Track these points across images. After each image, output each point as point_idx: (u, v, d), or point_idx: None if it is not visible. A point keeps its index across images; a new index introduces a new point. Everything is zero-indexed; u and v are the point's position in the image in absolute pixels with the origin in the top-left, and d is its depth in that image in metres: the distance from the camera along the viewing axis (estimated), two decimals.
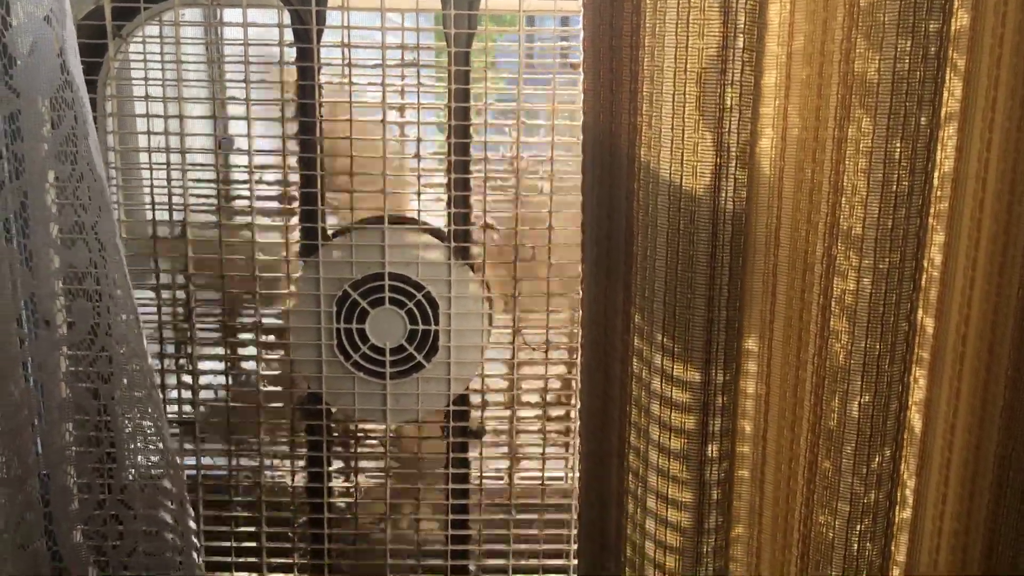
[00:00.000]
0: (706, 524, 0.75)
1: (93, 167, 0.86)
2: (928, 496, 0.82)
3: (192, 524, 0.98)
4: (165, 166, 1.05)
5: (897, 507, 0.81)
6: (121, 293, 0.89)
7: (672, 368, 0.71)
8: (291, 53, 1.03)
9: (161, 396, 0.93)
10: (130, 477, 0.96)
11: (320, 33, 1.03)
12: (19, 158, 0.87)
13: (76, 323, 0.90)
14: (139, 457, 0.95)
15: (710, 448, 0.73)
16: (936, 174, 0.75)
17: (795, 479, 0.78)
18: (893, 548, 0.83)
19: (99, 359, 0.92)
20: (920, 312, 0.78)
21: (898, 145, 0.67)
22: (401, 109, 1.05)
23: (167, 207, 1.06)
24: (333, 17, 1.04)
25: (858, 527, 0.75)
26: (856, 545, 0.76)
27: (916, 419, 0.81)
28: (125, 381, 0.91)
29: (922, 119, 0.67)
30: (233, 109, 1.06)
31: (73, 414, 0.97)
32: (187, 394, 1.10)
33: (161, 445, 0.95)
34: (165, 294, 1.08)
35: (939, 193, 0.76)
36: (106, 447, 0.97)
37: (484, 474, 1.15)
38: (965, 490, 0.80)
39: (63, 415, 0.95)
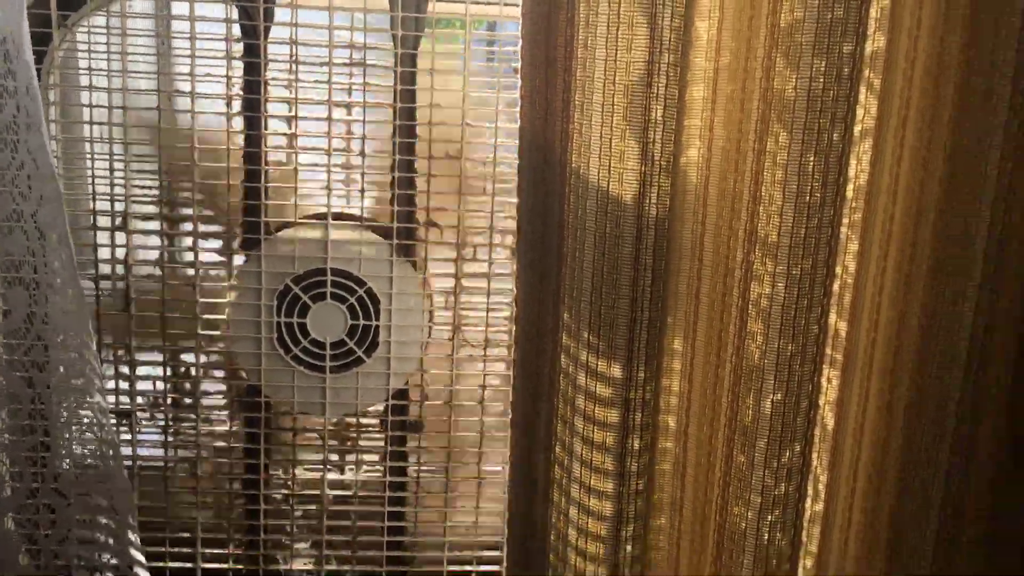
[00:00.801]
0: (626, 513, 0.78)
1: (37, 157, 0.86)
2: (839, 490, 0.87)
3: (130, 510, 0.98)
4: (108, 157, 1.05)
5: (808, 500, 0.85)
6: (61, 282, 0.89)
7: (597, 364, 0.75)
8: (238, 48, 1.04)
9: (102, 385, 0.93)
10: (65, 465, 0.96)
11: (268, 30, 1.04)
12: None
13: (11, 311, 0.90)
14: (75, 445, 0.95)
15: (631, 441, 0.77)
16: (851, 187, 0.80)
17: (713, 472, 0.83)
18: (805, 538, 0.87)
19: (34, 347, 0.92)
20: (834, 316, 0.83)
21: (811, 159, 0.72)
22: (347, 107, 1.07)
23: (108, 198, 1.06)
24: (281, 14, 1.05)
25: (769, 518, 0.80)
26: (767, 535, 0.80)
27: (829, 417, 0.86)
28: (62, 369, 0.91)
29: (835, 135, 0.72)
30: (179, 102, 1.06)
31: (7, 402, 0.97)
32: (124, 385, 1.10)
33: (99, 433, 0.95)
34: (104, 284, 1.08)
35: (854, 205, 0.81)
36: (40, 435, 0.96)
37: (422, 468, 1.17)
38: (872, 485, 0.85)
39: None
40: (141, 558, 1.03)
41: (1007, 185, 0.73)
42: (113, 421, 1.04)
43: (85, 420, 0.94)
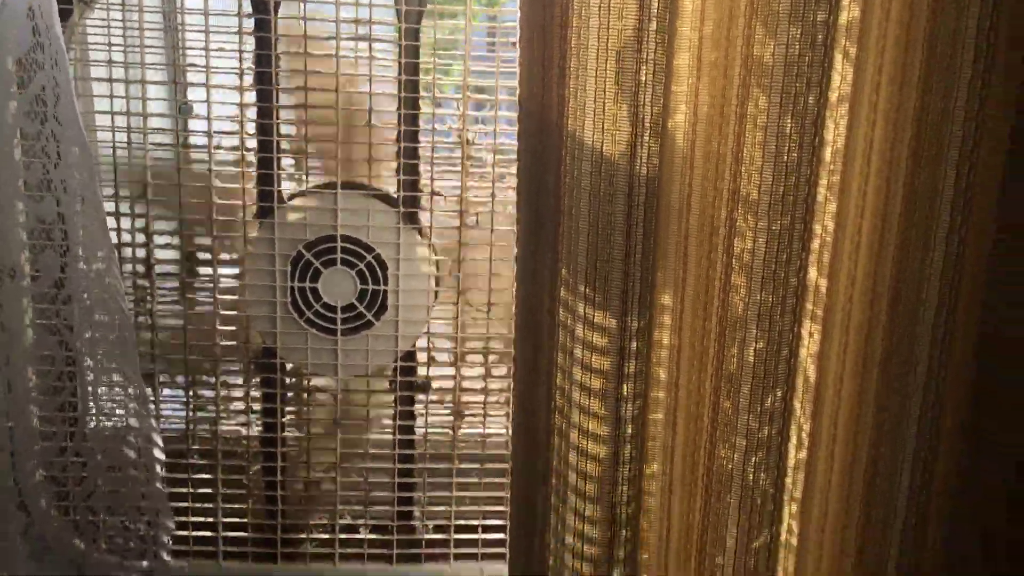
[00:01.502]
0: (621, 455, 0.84)
1: (66, 126, 0.91)
2: (822, 438, 0.93)
3: (157, 463, 1.04)
4: (126, 129, 1.11)
5: (792, 447, 0.91)
6: (93, 244, 0.95)
7: (593, 316, 0.80)
8: (249, 24, 1.09)
9: (133, 344, 0.98)
10: (95, 421, 1.02)
11: (277, 5, 1.09)
12: None
13: (43, 273, 0.96)
14: (104, 402, 1.02)
15: (625, 387, 0.82)
16: (829, 150, 0.85)
17: (701, 419, 0.88)
18: (790, 483, 0.93)
19: (66, 307, 0.98)
20: (815, 273, 0.88)
21: (789, 121, 0.77)
22: (353, 80, 1.12)
23: (127, 165, 1.12)
24: None
25: (753, 459, 0.85)
26: (752, 475, 0.86)
27: (811, 369, 0.91)
28: (93, 328, 0.97)
29: (810, 99, 0.77)
30: (193, 77, 1.12)
31: (38, 361, 1.03)
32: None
33: (128, 390, 1.01)
34: (126, 251, 1.14)
35: (832, 167, 0.86)
36: (69, 395, 1.03)
37: (429, 427, 1.23)
38: (850, 432, 0.90)
39: (29, 360, 1.01)
40: (167, 508, 1.09)
41: (972, 144, 0.78)
42: (140, 379, 1.10)
43: (115, 378, 1.00)
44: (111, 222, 1.11)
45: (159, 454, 1.05)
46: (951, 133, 0.78)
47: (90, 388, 1.01)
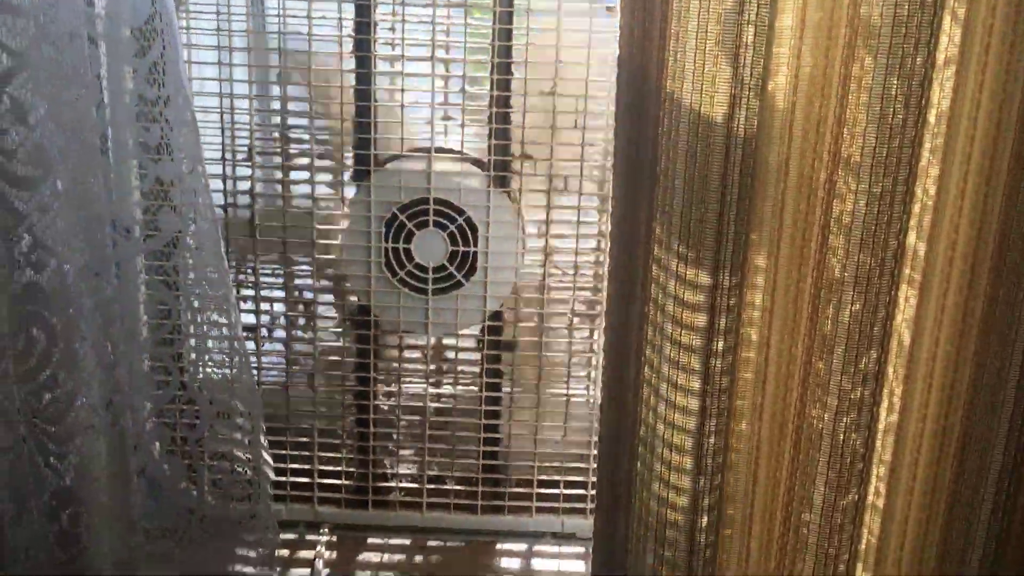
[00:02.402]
0: (710, 409, 0.86)
1: (179, 90, 0.97)
2: (913, 401, 0.92)
3: (260, 414, 1.11)
4: (229, 95, 1.16)
5: (881, 407, 0.91)
6: (203, 206, 1.00)
7: (686, 273, 0.82)
8: None
9: (236, 300, 1.04)
10: (205, 371, 1.09)
11: None
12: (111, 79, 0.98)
13: (161, 230, 1.02)
14: (215, 354, 1.08)
15: (716, 343, 0.84)
16: (934, 112, 0.84)
17: (792, 379, 0.89)
18: (880, 445, 0.93)
19: (180, 263, 1.04)
20: (913, 237, 0.87)
21: (895, 82, 0.76)
22: (447, 47, 1.15)
23: (229, 132, 1.17)
24: None
25: (845, 420, 0.86)
26: (842, 436, 0.87)
27: (905, 333, 0.91)
28: (204, 283, 1.03)
29: (918, 60, 0.76)
30: (293, 43, 1.16)
31: (154, 313, 1.10)
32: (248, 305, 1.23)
33: (235, 345, 1.07)
34: (231, 212, 1.20)
35: (936, 130, 0.85)
36: (185, 343, 1.09)
37: (515, 385, 1.27)
38: (944, 394, 0.90)
39: (145, 311, 1.08)
40: (268, 457, 1.16)
41: None
42: (245, 334, 1.16)
43: (225, 331, 1.07)
44: (217, 184, 1.17)
45: (260, 408, 1.11)
46: None
47: (202, 340, 1.07)
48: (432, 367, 1.28)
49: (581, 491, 1.28)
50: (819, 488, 0.89)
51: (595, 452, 1.21)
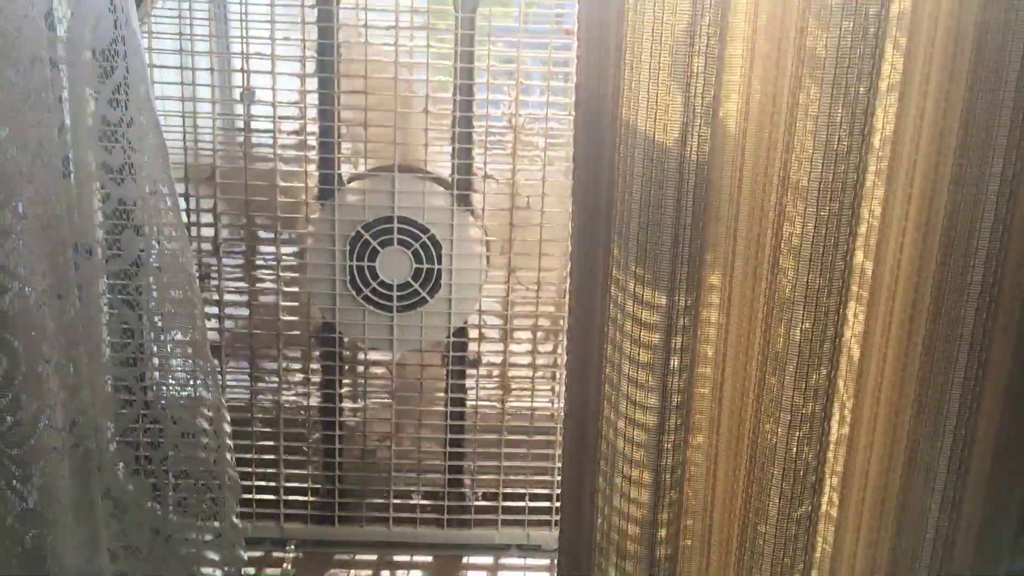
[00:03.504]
0: (667, 424, 0.89)
1: (144, 113, 0.97)
2: (863, 414, 0.96)
3: (226, 432, 1.11)
4: (192, 115, 1.16)
5: (835, 423, 0.95)
6: (167, 223, 1.01)
7: (643, 293, 0.84)
8: (312, 15, 1.14)
9: (203, 319, 1.05)
10: (169, 390, 1.09)
11: None
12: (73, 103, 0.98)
13: (124, 252, 1.02)
14: (179, 372, 1.08)
15: (672, 361, 0.87)
16: (878, 137, 0.87)
17: (747, 395, 0.92)
18: (831, 457, 0.97)
19: (143, 284, 1.04)
20: (861, 256, 0.91)
21: (840, 111, 0.79)
22: (411, 68, 1.17)
23: (192, 152, 1.18)
24: None
25: (797, 434, 0.89)
26: (795, 449, 0.90)
27: (855, 348, 0.94)
28: (168, 303, 1.04)
29: (860, 89, 0.79)
30: (256, 64, 1.16)
31: (117, 333, 1.10)
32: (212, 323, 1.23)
33: (200, 363, 1.07)
34: (194, 231, 1.20)
35: (880, 153, 0.88)
36: (148, 362, 1.09)
37: (479, 400, 1.29)
38: (892, 408, 0.93)
39: (108, 332, 1.08)
40: (234, 474, 1.16)
41: (1019, 133, 0.81)
42: (210, 352, 1.16)
43: (187, 350, 1.07)
44: (180, 203, 1.17)
45: (227, 427, 1.11)
46: (999, 121, 0.80)
47: (165, 360, 1.07)
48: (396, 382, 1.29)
49: (546, 503, 1.30)
50: (774, 500, 0.92)
51: (559, 465, 1.23)
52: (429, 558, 1.30)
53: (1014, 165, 0.82)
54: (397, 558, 1.30)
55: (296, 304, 1.24)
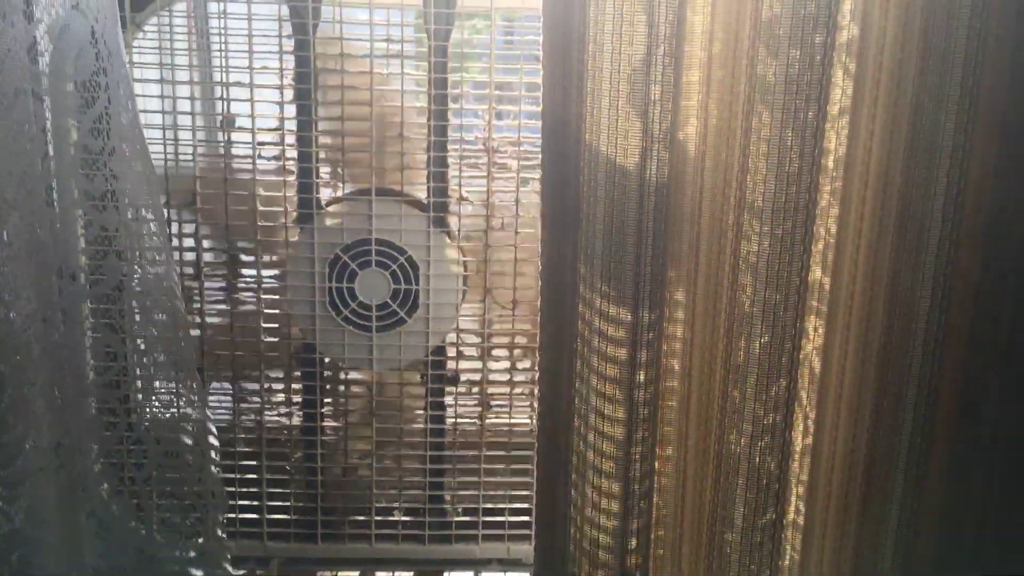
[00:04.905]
0: (635, 437, 0.92)
1: (126, 141, 1.00)
2: (825, 424, 0.99)
3: (210, 448, 1.13)
4: (174, 141, 1.19)
5: (797, 430, 0.98)
6: (151, 252, 1.04)
7: (609, 310, 0.88)
8: (289, 44, 1.17)
9: (189, 341, 1.07)
10: (154, 411, 1.11)
11: (315, 27, 1.18)
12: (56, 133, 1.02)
13: (106, 277, 1.05)
14: (162, 393, 1.11)
15: (639, 375, 0.90)
16: (832, 158, 0.91)
17: (712, 407, 0.96)
18: (797, 467, 1.00)
19: (125, 307, 1.07)
20: (819, 272, 0.95)
21: (789, 134, 0.84)
22: (386, 94, 1.20)
23: (176, 176, 1.21)
24: (327, 12, 1.18)
25: (759, 444, 0.93)
26: (758, 459, 0.93)
27: (816, 361, 0.98)
28: (151, 326, 1.06)
29: (809, 114, 0.84)
30: (236, 92, 1.20)
31: (101, 356, 1.13)
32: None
33: (185, 383, 1.10)
34: (176, 255, 1.23)
35: (834, 174, 0.92)
36: (131, 384, 1.12)
37: (459, 417, 1.31)
38: (852, 418, 0.97)
39: (91, 355, 1.11)
40: (221, 491, 1.18)
41: (960, 155, 0.85)
42: (195, 373, 1.18)
43: (171, 372, 1.09)
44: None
45: (213, 441, 1.14)
46: (941, 142, 0.85)
47: (149, 382, 1.10)
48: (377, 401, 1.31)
49: (526, 518, 1.32)
50: (739, 509, 0.96)
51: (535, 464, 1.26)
52: (410, 574, 1.32)
53: (957, 183, 0.86)
54: (380, 574, 1.32)
55: (277, 325, 1.27)
